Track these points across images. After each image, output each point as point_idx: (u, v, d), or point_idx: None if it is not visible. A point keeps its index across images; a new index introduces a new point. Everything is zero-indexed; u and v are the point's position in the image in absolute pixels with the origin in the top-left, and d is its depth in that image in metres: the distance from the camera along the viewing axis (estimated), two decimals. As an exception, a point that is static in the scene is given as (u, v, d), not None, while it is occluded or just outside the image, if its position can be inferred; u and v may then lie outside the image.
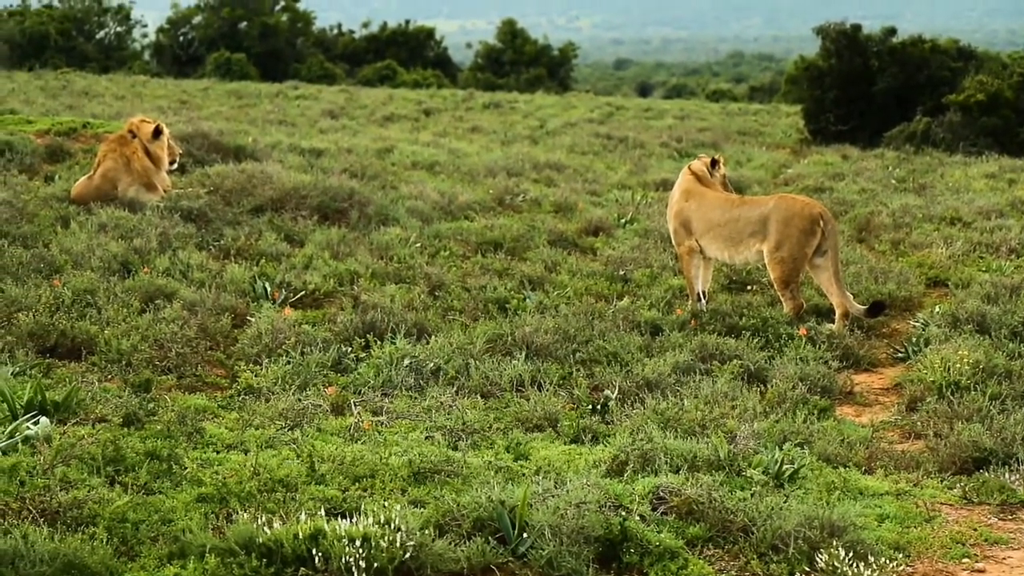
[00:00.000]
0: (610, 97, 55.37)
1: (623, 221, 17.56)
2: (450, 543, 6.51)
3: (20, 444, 7.40)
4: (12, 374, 9.11)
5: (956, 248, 15.69)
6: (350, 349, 10.44)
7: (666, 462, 7.85)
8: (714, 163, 13.38)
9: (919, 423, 9.46)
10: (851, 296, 12.45)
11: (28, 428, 7.62)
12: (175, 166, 16.39)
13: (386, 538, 6.21)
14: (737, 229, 12.52)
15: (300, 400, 9.06)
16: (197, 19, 74.93)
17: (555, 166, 23.50)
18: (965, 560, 7.01)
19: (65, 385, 8.94)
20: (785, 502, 7.14)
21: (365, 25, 79.62)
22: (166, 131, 16.09)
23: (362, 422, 8.71)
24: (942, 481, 8.23)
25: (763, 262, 12.49)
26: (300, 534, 6.20)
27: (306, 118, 33.76)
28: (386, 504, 6.75)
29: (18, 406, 8.09)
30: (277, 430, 8.38)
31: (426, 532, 6.49)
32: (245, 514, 6.60)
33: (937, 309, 12.63)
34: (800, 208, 12.37)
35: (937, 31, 41.78)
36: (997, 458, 8.48)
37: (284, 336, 10.46)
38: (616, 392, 9.65)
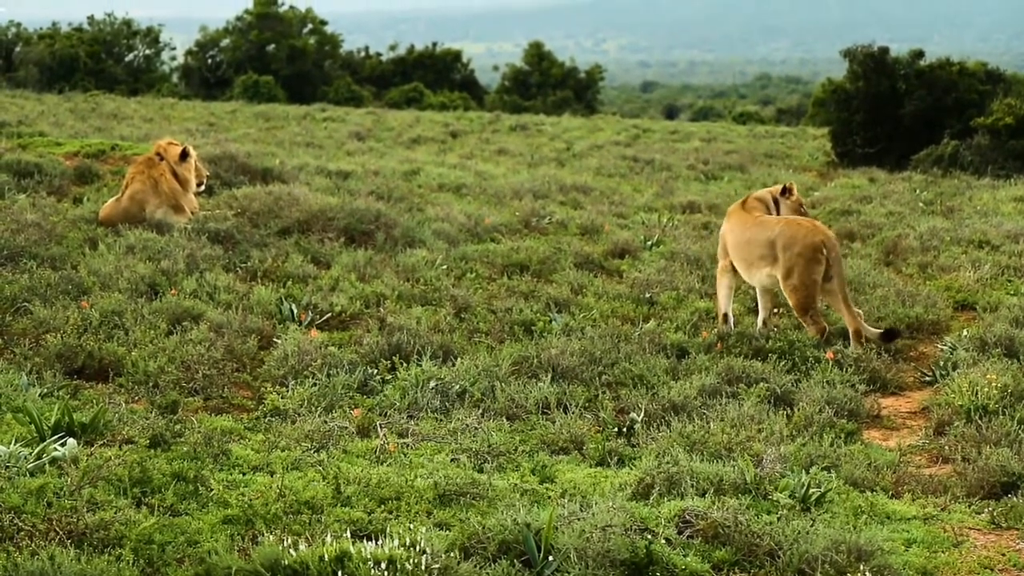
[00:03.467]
0: (637, 119, 55.40)
1: (649, 244, 17.56)
2: (475, 566, 6.50)
3: (47, 465, 7.43)
4: (40, 395, 9.15)
5: (984, 271, 15.62)
6: (376, 371, 10.45)
7: (692, 485, 7.83)
8: (785, 191, 13.49)
9: (947, 447, 9.42)
10: (862, 316, 12.44)
11: (55, 449, 7.64)
12: (203, 188, 16.45)
13: (411, 560, 6.21)
14: (750, 251, 12.68)
15: (326, 422, 9.07)
16: (225, 42, 75.34)
17: (581, 188, 23.51)
18: (993, 585, 6.98)
19: (92, 406, 8.97)
20: (812, 526, 7.11)
21: (392, 48, 79.93)
22: (193, 153, 16.17)
23: (388, 444, 8.71)
24: (970, 506, 8.19)
25: (778, 286, 12.54)
26: (326, 556, 6.20)
27: (333, 140, 33.86)
28: (412, 526, 6.75)
29: (46, 427, 8.12)
30: (303, 452, 8.39)
31: (451, 555, 6.48)
32: (271, 536, 6.61)
33: (965, 333, 12.57)
34: (803, 236, 12.40)
35: (965, 54, 41.70)
36: (1026, 483, 8.44)
37: (310, 358, 10.48)
38: (642, 415, 9.64)
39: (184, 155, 15.93)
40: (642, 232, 18.60)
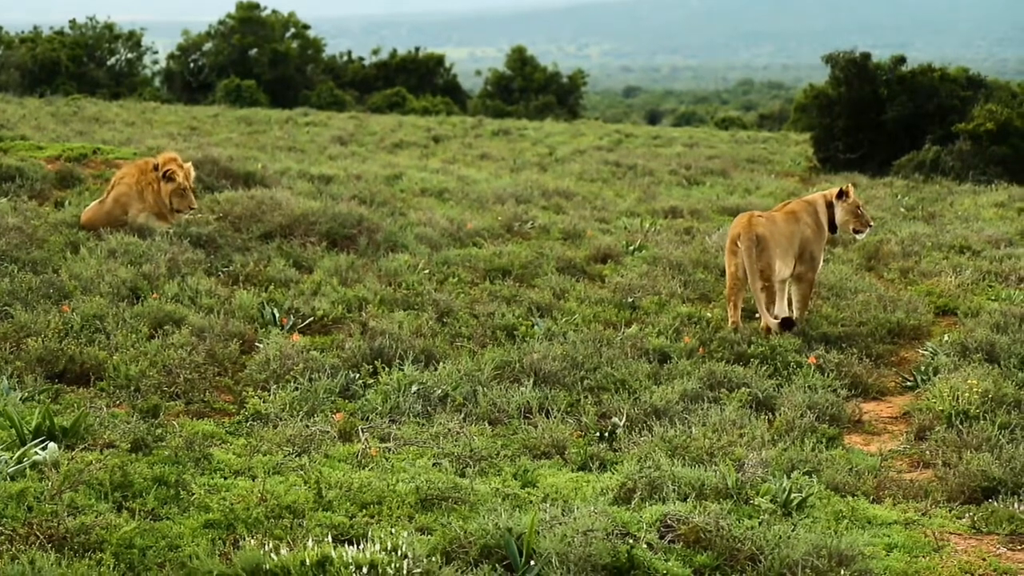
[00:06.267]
0: (619, 124, 55.44)
1: (631, 248, 17.56)
2: (457, 570, 6.50)
3: (28, 469, 7.40)
4: (21, 399, 9.12)
5: (965, 277, 15.69)
6: (358, 375, 10.45)
7: (674, 490, 7.84)
8: (841, 194, 13.72)
9: (928, 452, 9.45)
10: (767, 313, 12.68)
11: (36, 453, 7.63)
12: (185, 217, 15.95)
13: (393, 565, 6.21)
14: None
15: (308, 426, 9.07)
16: (208, 46, 75.23)
17: (564, 193, 23.51)
18: (974, 590, 7.00)
19: (73, 411, 8.95)
20: (793, 531, 7.12)
21: (375, 52, 79.87)
22: (180, 179, 15.69)
23: (369, 448, 8.71)
24: (951, 511, 8.21)
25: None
26: (307, 561, 6.19)
27: (315, 145, 33.82)
28: (393, 531, 6.75)
29: (26, 431, 8.10)
30: (285, 456, 8.38)
31: (433, 559, 6.48)
32: (252, 540, 6.60)
33: (946, 338, 12.62)
34: (731, 228, 13.10)
35: (947, 60, 41.87)
36: (1006, 488, 8.46)
37: (292, 362, 10.46)
38: (624, 419, 9.65)
39: (165, 176, 15.55)
40: (624, 237, 18.60)
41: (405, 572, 6.20)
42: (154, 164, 15.73)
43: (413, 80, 73.89)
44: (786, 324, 12.58)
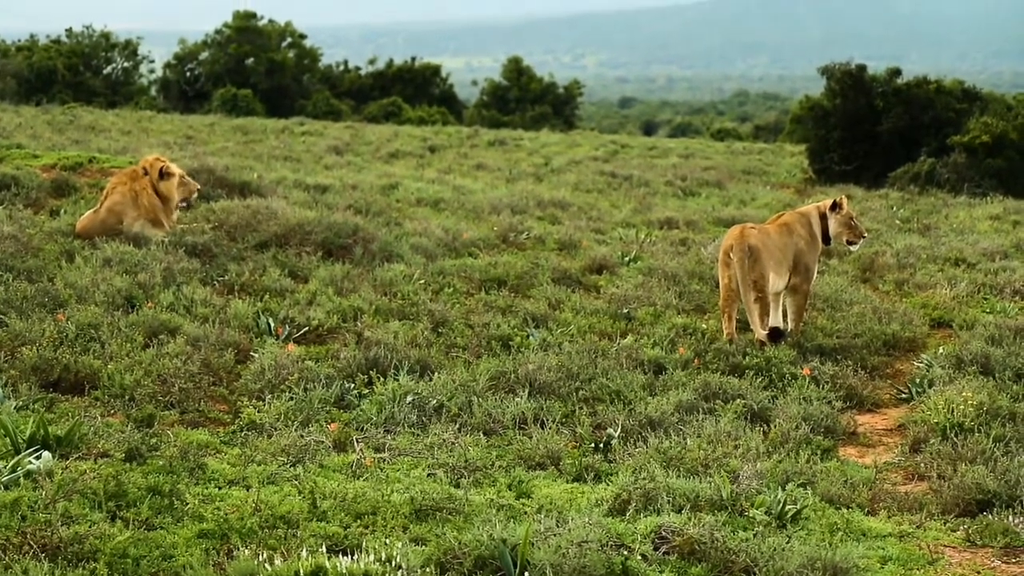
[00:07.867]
0: (615, 135, 55.45)
1: (627, 259, 17.56)
2: (451, 581, 6.50)
3: (22, 479, 7.39)
4: (15, 408, 9.11)
5: (960, 289, 15.70)
6: (353, 385, 10.44)
7: (668, 501, 7.84)
8: (834, 206, 13.67)
9: (923, 464, 9.45)
10: (759, 324, 12.65)
11: (30, 463, 7.62)
12: (189, 206, 16.29)
13: (387, 575, 6.20)
14: None
15: (302, 436, 9.06)
16: (204, 55, 75.21)
17: (559, 204, 23.50)
18: (968, 603, 6.99)
19: (68, 420, 8.94)
20: (788, 543, 7.12)
21: (371, 62, 79.87)
22: (176, 171, 15.95)
23: (364, 459, 8.70)
24: (945, 523, 8.21)
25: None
26: (301, 571, 6.19)
27: (311, 154, 33.80)
28: (388, 541, 6.75)
29: (21, 440, 8.09)
30: (279, 466, 8.38)
31: (427, 570, 6.48)
32: (246, 550, 6.60)
33: (941, 350, 12.63)
34: (723, 240, 13.10)
35: (942, 72, 41.93)
36: (1001, 500, 8.46)
37: (287, 372, 10.46)
38: (619, 430, 9.64)
39: (163, 174, 15.75)
40: (620, 248, 18.60)
41: (399, 583, 6.21)
42: (143, 169, 15.81)
43: (409, 90, 73.87)
44: (774, 335, 12.59)
